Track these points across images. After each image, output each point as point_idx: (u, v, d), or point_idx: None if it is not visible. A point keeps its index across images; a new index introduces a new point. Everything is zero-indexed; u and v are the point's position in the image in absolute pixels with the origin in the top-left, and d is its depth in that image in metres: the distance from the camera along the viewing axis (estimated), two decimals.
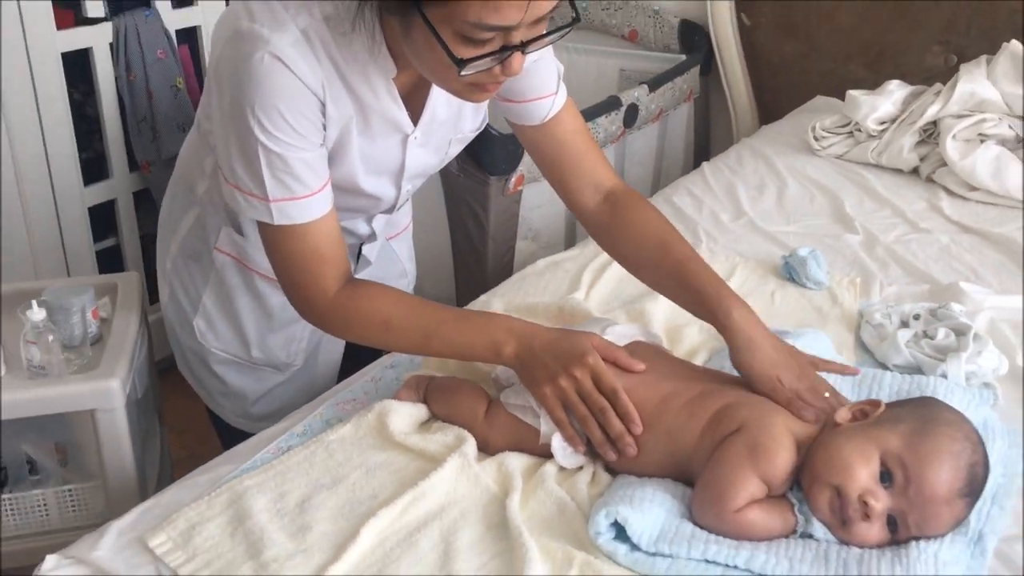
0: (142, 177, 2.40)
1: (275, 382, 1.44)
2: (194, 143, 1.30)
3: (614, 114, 2.28)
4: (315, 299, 1.14)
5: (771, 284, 1.59)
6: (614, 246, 1.29)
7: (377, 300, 1.14)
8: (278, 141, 1.05)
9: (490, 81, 1.01)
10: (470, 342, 1.12)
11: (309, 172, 1.08)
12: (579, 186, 1.28)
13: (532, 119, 1.26)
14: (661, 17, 2.81)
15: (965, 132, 2.01)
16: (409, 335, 1.14)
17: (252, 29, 1.02)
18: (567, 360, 1.07)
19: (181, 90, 2.37)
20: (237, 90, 1.03)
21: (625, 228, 1.25)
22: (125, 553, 1.01)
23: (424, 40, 0.96)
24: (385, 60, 1.08)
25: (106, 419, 1.45)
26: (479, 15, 0.92)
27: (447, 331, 1.13)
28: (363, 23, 1.03)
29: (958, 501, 0.96)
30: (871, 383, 1.24)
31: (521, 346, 1.10)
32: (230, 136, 1.07)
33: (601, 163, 1.29)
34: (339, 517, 1.03)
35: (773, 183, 2.04)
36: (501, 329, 1.11)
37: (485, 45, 0.96)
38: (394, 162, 1.21)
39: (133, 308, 1.64)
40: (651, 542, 0.97)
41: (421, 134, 1.19)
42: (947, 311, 1.38)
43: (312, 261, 1.12)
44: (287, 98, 1.03)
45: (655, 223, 1.25)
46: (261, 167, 1.06)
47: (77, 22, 2.20)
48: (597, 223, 1.28)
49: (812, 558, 0.96)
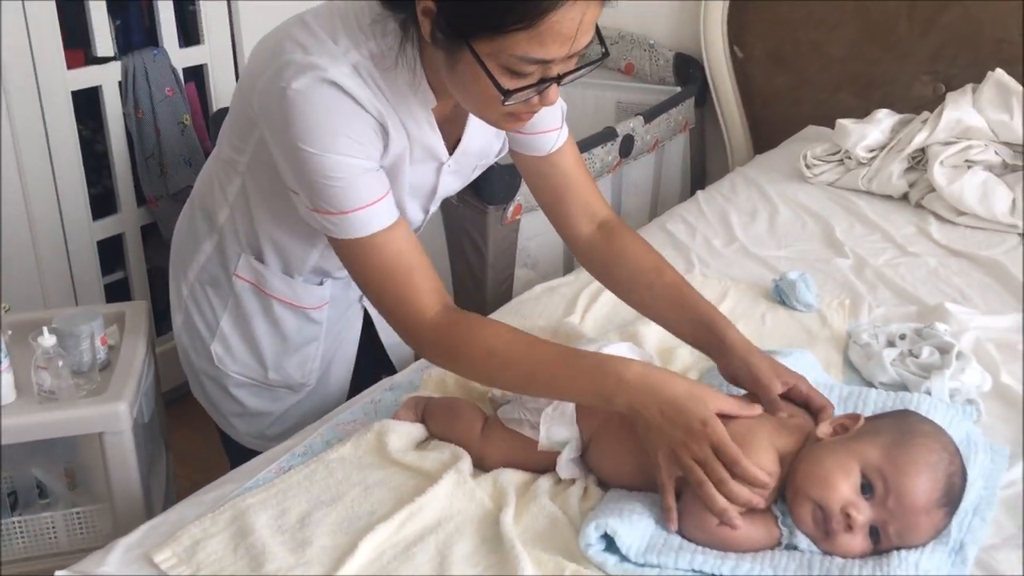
0: (150, 212, 2.46)
1: (290, 402, 1.48)
2: (214, 172, 1.34)
3: (610, 145, 2.33)
4: (413, 320, 1.13)
5: (762, 306, 1.62)
6: (609, 269, 1.33)
7: (481, 329, 1.12)
8: (338, 152, 1.08)
9: (526, 111, 1.08)
10: (578, 388, 1.08)
11: (374, 182, 1.12)
12: (575, 215, 1.34)
13: (539, 150, 1.33)
14: (656, 51, 2.87)
15: (952, 158, 2.05)
16: (513, 369, 1.10)
17: (307, 60, 1.07)
18: (687, 428, 1.01)
19: (188, 127, 2.43)
20: (292, 112, 1.07)
21: (621, 253, 1.31)
22: (131, 568, 1.04)
23: (470, 72, 1.02)
24: (425, 93, 1.14)
25: (113, 442, 1.49)
26: (525, 50, 0.98)
27: (554, 371, 1.09)
28: (404, 59, 1.09)
29: (937, 511, 0.99)
30: (857, 400, 1.27)
31: (635, 402, 1.04)
32: (292, 160, 1.10)
33: (597, 195, 1.36)
34: (338, 532, 1.06)
35: (765, 209, 2.09)
36: (611, 378, 1.05)
37: (526, 78, 1.02)
38: (428, 187, 1.27)
39: (140, 335, 1.68)
40: (639, 553, 1.00)
41: (454, 162, 1.25)
42: (932, 330, 1.42)
43: (398, 272, 1.13)
44: (344, 114, 1.08)
45: (649, 250, 1.32)
46: (327, 180, 1.09)
47: (87, 61, 2.27)
48: (591, 249, 1.34)
49: (796, 567, 0.99)
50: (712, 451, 1.00)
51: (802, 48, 2.65)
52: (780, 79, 2.72)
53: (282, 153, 1.11)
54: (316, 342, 1.43)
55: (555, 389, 1.10)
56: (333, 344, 1.46)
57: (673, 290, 1.26)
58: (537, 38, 0.97)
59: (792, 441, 1.06)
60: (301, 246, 1.31)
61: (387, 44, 1.10)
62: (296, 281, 1.37)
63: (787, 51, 2.67)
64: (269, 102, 1.10)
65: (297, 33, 1.11)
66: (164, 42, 2.39)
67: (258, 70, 1.12)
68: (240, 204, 1.31)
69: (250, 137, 1.20)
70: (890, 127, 2.22)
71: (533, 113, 1.09)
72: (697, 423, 1.01)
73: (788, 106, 2.73)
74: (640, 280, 1.29)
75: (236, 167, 1.27)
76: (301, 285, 1.37)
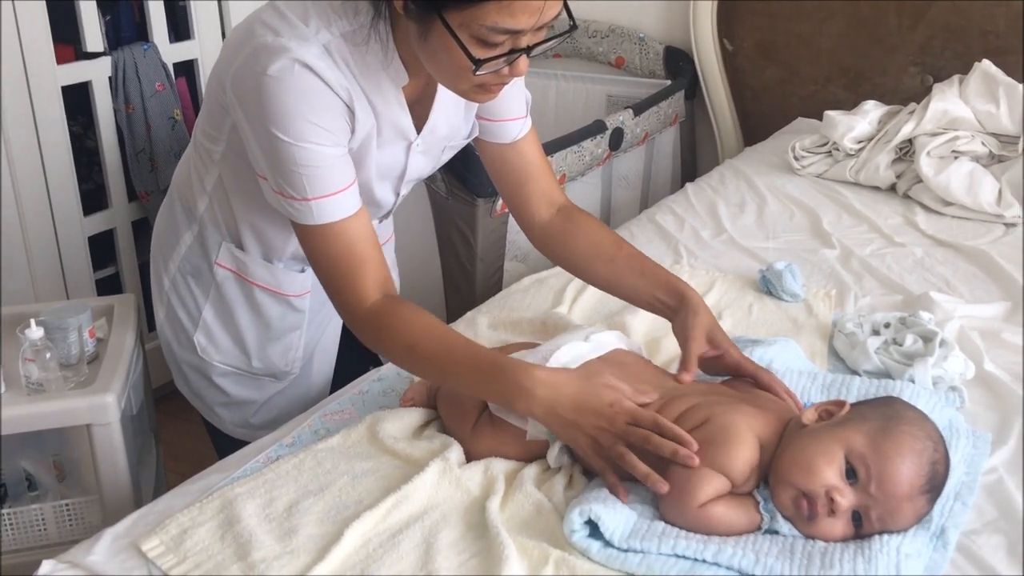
0: (141, 207, 2.46)
1: (274, 390, 1.49)
2: (192, 161, 1.36)
3: (599, 137, 2.33)
4: (352, 304, 1.17)
5: (749, 297, 1.63)
6: (568, 247, 1.39)
7: (408, 321, 1.15)
8: (309, 140, 1.11)
9: (496, 82, 1.10)
10: (484, 390, 1.14)
11: (340, 169, 1.15)
12: (535, 202, 1.39)
13: (504, 138, 1.36)
14: (646, 44, 2.87)
15: (939, 149, 2.06)
16: (428, 366, 1.16)
17: (278, 42, 1.10)
18: (597, 414, 1.07)
19: (179, 121, 2.43)
20: (266, 98, 1.09)
21: (579, 231, 1.37)
22: (119, 557, 1.05)
23: (441, 43, 1.05)
24: (397, 69, 1.16)
25: (102, 434, 1.49)
26: (495, 19, 1.01)
27: (464, 374, 1.13)
28: (377, 35, 1.12)
29: (919, 497, 1.00)
30: (840, 387, 1.27)
31: (540, 407, 1.08)
32: (264, 146, 1.13)
33: (556, 184, 1.42)
34: (325, 521, 1.07)
35: (754, 201, 2.09)
36: (513, 384, 1.09)
37: (496, 48, 1.05)
38: (398, 168, 1.29)
39: (129, 327, 1.68)
40: (623, 538, 1.00)
41: (423, 141, 1.27)
42: (916, 319, 1.43)
43: (350, 261, 1.17)
44: (316, 101, 1.10)
45: (606, 229, 1.39)
46: (297, 168, 1.12)
47: (77, 57, 2.27)
48: (550, 231, 1.40)
49: (778, 551, 0.99)
50: (630, 425, 1.05)
51: (791, 41, 2.66)
52: (769, 72, 2.73)
53: (254, 137, 1.14)
54: (299, 330, 1.44)
55: (466, 389, 1.16)
56: (316, 333, 1.48)
57: (634, 261, 1.34)
58: (507, 8, 1.00)
59: (772, 426, 1.07)
60: (280, 231, 1.33)
61: (359, 22, 1.12)
62: (277, 267, 1.38)
63: (776, 44, 2.68)
64: (243, 86, 1.12)
65: (267, 17, 1.13)
66: (154, 37, 2.39)
67: (231, 56, 1.15)
68: (218, 193, 1.32)
69: (224, 125, 1.22)
70: (877, 118, 2.23)
71: (503, 84, 1.12)
72: (606, 407, 1.07)
73: (777, 99, 2.74)
74: (600, 255, 1.35)
75: (212, 156, 1.28)
76: (282, 272, 1.38)
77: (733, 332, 1.49)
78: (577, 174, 2.30)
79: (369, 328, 1.18)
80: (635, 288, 1.33)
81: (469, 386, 1.15)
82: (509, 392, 1.09)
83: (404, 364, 1.20)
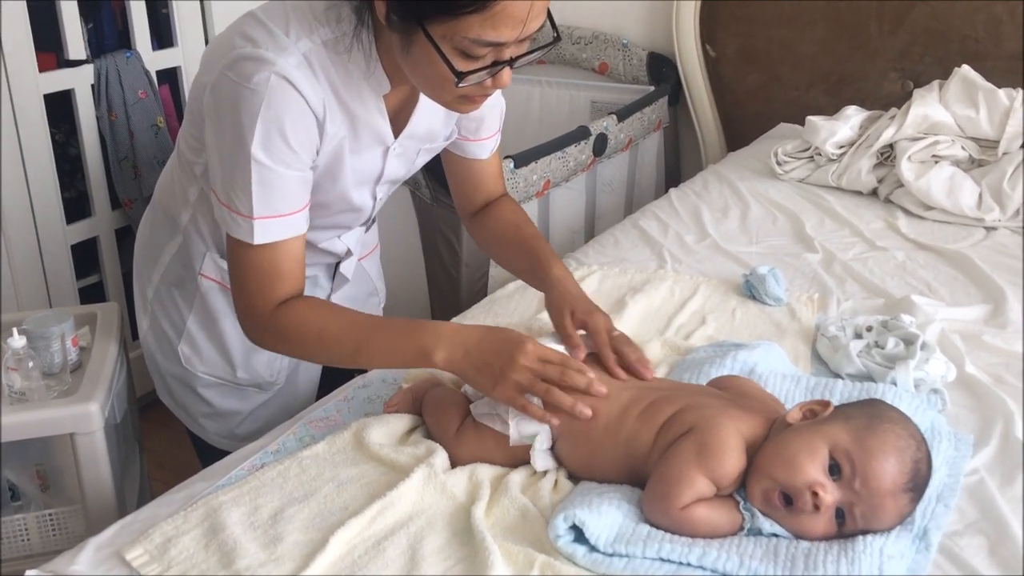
0: (124, 214, 2.45)
1: (259, 401, 1.48)
2: (175, 173, 1.35)
3: (583, 143, 2.34)
4: (258, 307, 1.17)
5: (732, 301, 1.64)
6: (480, 233, 1.46)
7: (312, 312, 1.17)
8: (274, 159, 1.11)
9: (479, 93, 1.10)
10: (399, 349, 1.15)
11: (297, 192, 1.15)
12: (480, 200, 1.46)
13: (480, 155, 1.41)
14: (630, 50, 2.89)
15: (920, 154, 2.08)
16: (342, 345, 1.16)
17: (257, 53, 1.09)
18: (507, 354, 1.11)
19: (162, 129, 2.42)
20: (240, 110, 1.09)
21: (487, 218, 1.44)
22: (103, 567, 1.04)
23: (424, 55, 1.05)
24: (380, 78, 1.16)
25: (85, 443, 1.48)
26: (478, 32, 1.01)
27: (377, 340, 1.15)
28: (360, 45, 1.12)
29: (903, 495, 1.00)
30: (823, 390, 1.28)
31: (453, 350, 1.12)
32: (226, 156, 1.12)
33: (500, 182, 1.48)
34: (310, 528, 1.06)
35: (737, 206, 2.11)
36: (428, 334, 1.13)
37: (479, 60, 1.05)
38: (375, 172, 1.28)
39: (112, 336, 1.67)
40: (608, 543, 1.01)
41: (399, 145, 1.27)
42: (898, 322, 1.44)
43: (270, 276, 1.17)
44: (290, 117, 1.10)
45: (512, 214, 1.44)
46: (251, 184, 1.11)
47: (59, 64, 2.26)
48: (475, 220, 1.46)
49: (762, 554, 1.00)
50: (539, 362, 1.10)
51: (773, 47, 2.68)
52: (752, 77, 2.75)
53: (217, 145, 1.13)
54: None
55: (381, 355, 1.16)
56: None
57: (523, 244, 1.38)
58: (490, 21, 1.00)
59: (759, 429, 1.07)
60: None
61: (341, 30, 1.12)
62: None
63: (758, 50, 2.70)
64: (220, 96, 1.11)
65: (247, 28, 1.12)
66: (137, 44, 2.38)
67: (210, 66, 1.14)
68: (201, 204, 1.32)
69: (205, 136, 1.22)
70: (859, 123, 2.25)
71: (486, 96, 1.12)
72: (516, 347, 1.11)
73: (760, 104, 2.76)
74: (500, 238, 1.42)
75: (195, 168, 1.28)
76: None
77: (717, 336, 1.50)
78: (561, 180, 2.31)
79: (275, 325, 1.17)
80: (519, 270, 1.39)
81: (386, 353, 1.15)
82: (426, 344, 1.12)
83: (317, 351, 1.19)
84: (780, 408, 1.17)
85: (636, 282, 1.70)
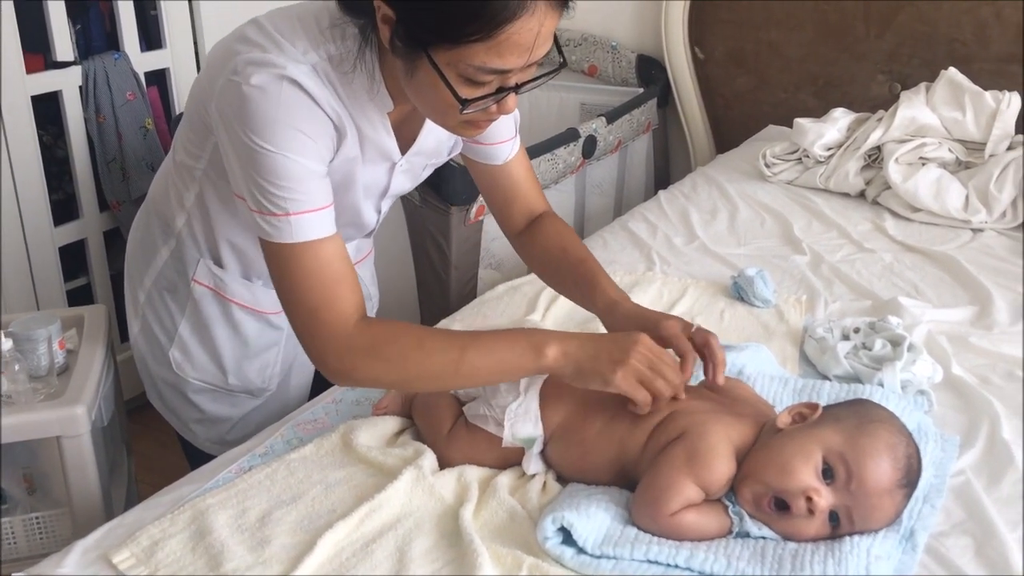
0: (112, 216, 2.44)
1: (250, 407, 1.48)
2: (169, 177, 1.33)
3: (572, 145, 2.34)
4: (334, 322, 1.09)
5: (721, 303, 1.64)
6: (529, 256, 1.42)
7: (400, 325, 1.12)
8: (293, 151, 1.07)
9: (484, 119, 1.08)
10: (509, 346, 1.10)
11: (321, 187, 1.11)
12: (517, 215, 1.41)
13: (495, 160, 1.37)
14: (619, 53, 2.89)
15: (907, 156, 2.09)
16: (446, 354, 1.09)
17: (266, 58, 1.07)
18: (624, 347, 1.09)
19: (150, 131, 2.42)
20: (251, 110, 1.06)
21: (534, 239, 1.39)
22: (89, 569, 1.04)
23: (429, 81, 1.03)
24: (383, 98, 1.14)
25: (72, 446, 1.47)
26: (483, 59, 0.99)
27: (482, 343, 1.10)
28: (363, 64, 1.10)
29: (898, 491, 1.01)
30: (811, 392, 1.29)
31: (567, 345, 1.09)
32: (244, 158, 1.08)
33: (538, 195, 1.43)
34: (298, 530, 1.07)
35: (725, 208, 2.11)
36: (536, 333, 1.11)
37: (484, 87, 1.03)
38: (381, 187, 1.28)
39: (99, 338, 1.67)
40: (596, 545, 1.01)
41: (406, 161, 1.27)
42: (885, 324, 1.44)
43: (326, 281, 1.10)
44: (304, 116, 1.07)
45: (559, 234, 1.38)
46: (278, 181, 1.07)
47: (47, 66, 2.25)
48: (519, 240, 1.42)
49: (749, 555, 1.00)
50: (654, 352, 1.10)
51: (761, 49, 2.68)
52: (740, 80, 2.76)
53: (234, 151, 1.10)
54: (276, 347, 1.43)
55: (491, 358, 1.10)
56: (294, 350, 1.46)
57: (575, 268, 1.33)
58: (495, 48, 0.98)
59: (749, 434, 1.08)
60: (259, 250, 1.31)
61: (346, 48, 1.10)
62: (255, 285, 1.37)
63: (747, 52, 2.71)
64: (226, 100, 1.09)
65: (252, 35, 1.11)
66: (125, 46, 2.37)
67: (214, 72, 1.12)
68: (197, 209, 1.31)
69: (207, 143, 1.20)
70: (847, 126, 2.26)
71: (491, 121, 1.10)
72: (630, 340, 1.10)
73: (749, 106, 2.76)
74: (549, 261, 1.38)
75: (193, 173, 1.27)
76: (261, 289, 1.37)
77: None
78: (551, 182, 2.31)
79: (363, 343, 1.09)
80: (574, 295, 1.36)
81: (494, 350, 1.10)
82: (536, 340, 1.10)
83: (416, 363, 1.10)
84: (770, 411, 1.17)
85: (625, 284, 1.70)
